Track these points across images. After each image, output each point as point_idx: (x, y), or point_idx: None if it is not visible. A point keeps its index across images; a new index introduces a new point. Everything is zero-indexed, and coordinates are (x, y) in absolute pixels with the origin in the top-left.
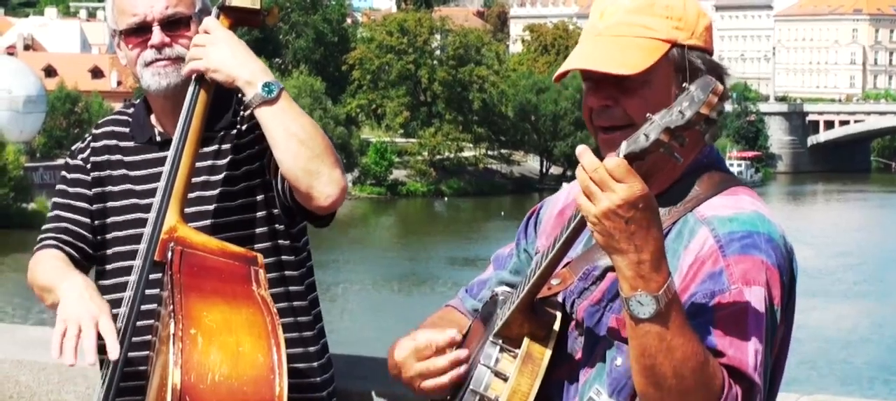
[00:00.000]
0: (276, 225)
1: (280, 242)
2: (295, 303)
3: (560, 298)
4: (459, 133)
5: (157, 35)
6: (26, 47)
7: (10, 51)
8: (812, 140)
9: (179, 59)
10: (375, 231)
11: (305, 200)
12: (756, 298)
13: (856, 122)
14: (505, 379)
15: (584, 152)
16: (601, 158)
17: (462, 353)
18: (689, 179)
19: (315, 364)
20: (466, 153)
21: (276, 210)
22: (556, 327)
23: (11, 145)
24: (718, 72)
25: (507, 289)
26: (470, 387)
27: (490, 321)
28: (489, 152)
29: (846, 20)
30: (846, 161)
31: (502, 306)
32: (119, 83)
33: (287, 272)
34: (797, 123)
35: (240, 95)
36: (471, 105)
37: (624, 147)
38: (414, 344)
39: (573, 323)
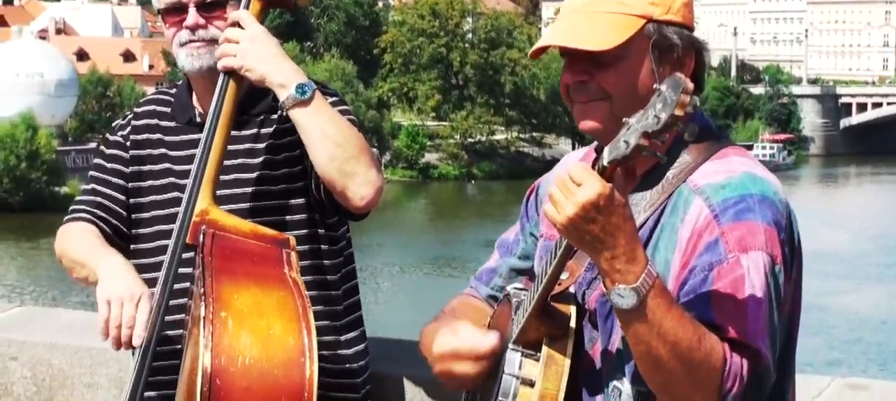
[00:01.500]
0: (315, 213)
1: (319, 230)
2: (331, 292)
3: (572, 290)
4: (491, 116)
5: (191, 16)
6: (58, 31)
7: (42, 35)
8: (845, 123)
9: (214, 42)
10: (408, 214)
11: (341, 200)
12: (754, 263)
13: (888, 104)
14: (531, 385)
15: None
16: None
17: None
18: (677, 148)
19: (350, 351)
20: (498, 136)
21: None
22: (573, 323)
23: (43, 129)
24: (696, 47)
25: (520, 287)
26: (499, 398)
27: (508, 327)
28: (521, 135)
29: (879, 2)
30: (879, 143)
31: (517, 311)
32: (151, 67)
33: (325, 261)
34: (830, 106)
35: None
36: (502, 88)
37: (606, 155)
38: (456, 344)
39: (587, 314)
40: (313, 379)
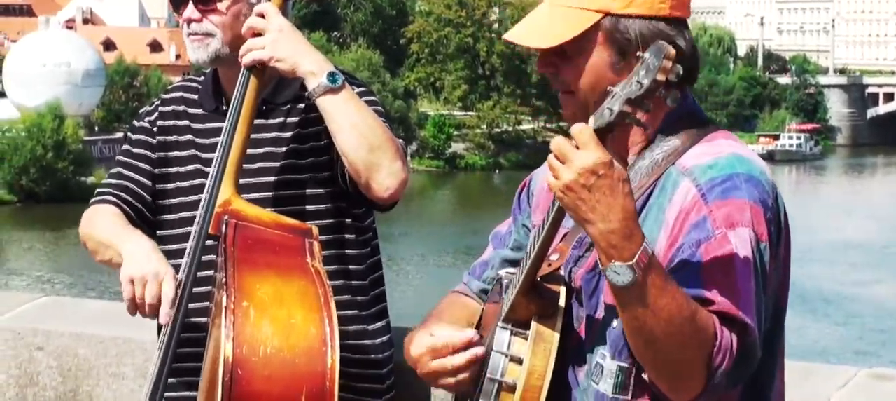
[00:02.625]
0: (342, 203)
1: (345, 220)
2: (356, 282)
3: (562, 272)
4: (518, 106)
5: (187, 10)
6: (85, 21)
7: (69, 25)
8: (872, 112)
9: (209, 35)
10: (434, 204)
11: (365, 191)
12: (741, 239)
13: None
14: (520, 362)
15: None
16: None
17: (479, 350)
18: (668, 132)
19: (375, 342)
20: (525, 126)
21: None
22: (562, 302)
23: (70, 119)
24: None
25: (512, 271)
26: (487, 375)
27: (499, 306)
28: (547, 125)
29: None
30: None
31: (507, 291)
32: (178, 57)
33: (350, 251)
34: (856, 96)
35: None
36: (529, 78)
37: (592, 123)
38: (431, 342)
39: (574, 293)
40: (335, 367)
